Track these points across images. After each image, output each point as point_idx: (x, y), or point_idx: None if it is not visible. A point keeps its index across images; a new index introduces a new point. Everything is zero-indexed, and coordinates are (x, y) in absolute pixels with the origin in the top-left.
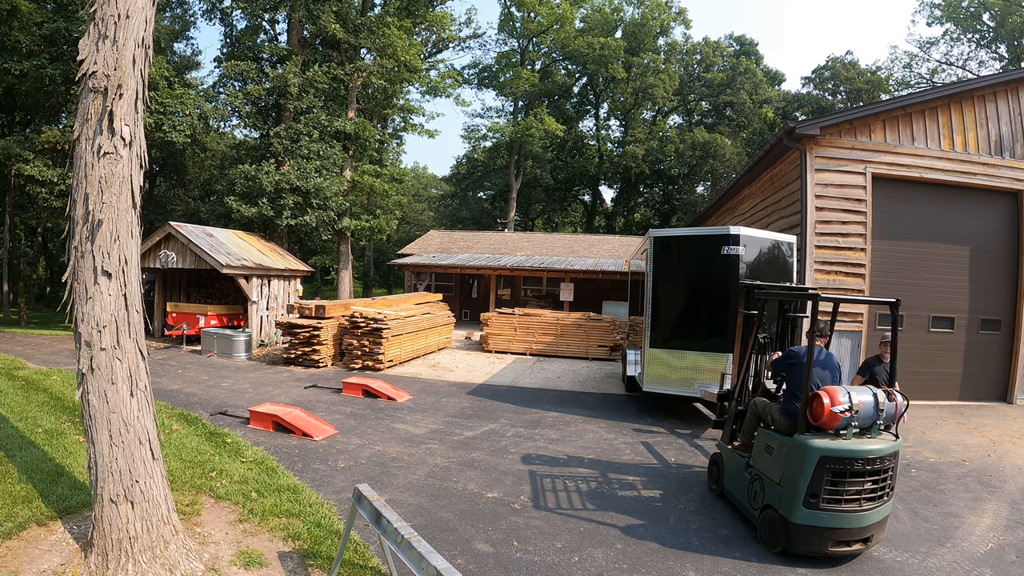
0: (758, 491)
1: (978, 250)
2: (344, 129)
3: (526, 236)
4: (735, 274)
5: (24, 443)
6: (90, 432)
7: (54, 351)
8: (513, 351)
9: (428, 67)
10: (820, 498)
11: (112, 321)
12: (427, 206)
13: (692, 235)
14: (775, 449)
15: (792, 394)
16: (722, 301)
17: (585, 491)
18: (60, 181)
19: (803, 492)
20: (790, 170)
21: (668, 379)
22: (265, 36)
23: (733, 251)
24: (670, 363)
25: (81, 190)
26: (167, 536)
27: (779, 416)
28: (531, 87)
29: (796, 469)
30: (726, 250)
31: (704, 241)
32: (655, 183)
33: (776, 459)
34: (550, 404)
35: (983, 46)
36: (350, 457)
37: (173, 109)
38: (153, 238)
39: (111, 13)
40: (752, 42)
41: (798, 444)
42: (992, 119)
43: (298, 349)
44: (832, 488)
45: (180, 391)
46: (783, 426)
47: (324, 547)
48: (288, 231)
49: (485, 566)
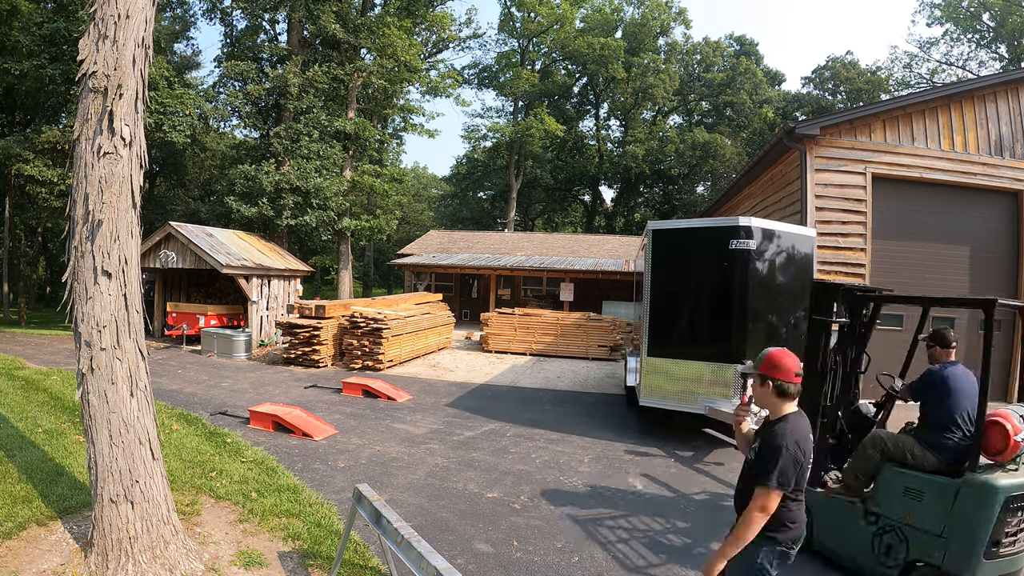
0: (894, 545)
1: (978, 250)
2: (344, 129)
3: (526, 236)
4: (745, 272)
5: (24, 443)
6: (90, 432)
7: (54, 351)
8: (513, 351)
9: (428, 67)
10: (1001, 544)
11: (112, 321)
12: (427, 206)
13: (696, 228)
14: (926, 493)
15: (937, 424)
16: (729, 303)
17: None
18: (60, 181)
19: (983, 541)
20: (790, 170)
21: (667, 392)
22: (265, 36)
23: (743, 246)
24: (670, 374)
25: (81, 190)
26: (167, 536)
27: (922, 452)
28: (531, 87)
29: (972, 514)
30: (735, 244)
31: (710, 234)
32: (655, 183)
33: (931, 505)
34: (550, 404)
35: (983, 46)
36: (350, 457)
37: (173, 109)
38: (153, 238)
39: (111, 13)
40: (752, 42)
41: (975, 484)
42: (992, 119)
43: (298, 349)
44: (1014, 531)
45: (180, 391)
46: (930, 464)
47: (324, 547)
48: (288, 231)
49: (485, 566)
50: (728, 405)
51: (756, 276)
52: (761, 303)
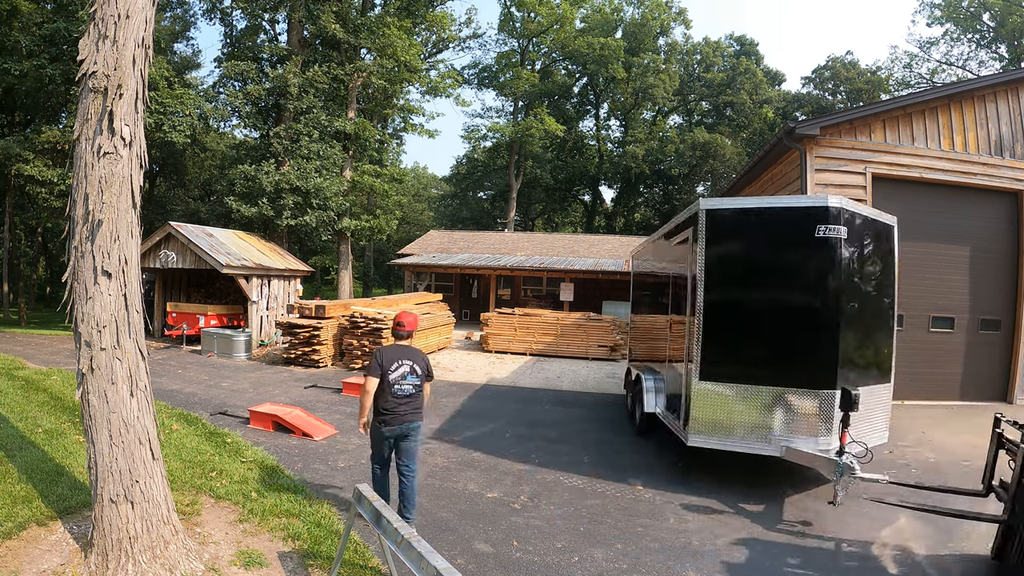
0: None
1: (978, 250)
2: (344, 129)
3: (526, 236)
4: (836, 268)
5: (24, 443)
6: (90, 432)
7: (54, 351)
8: (513, 351)
9: (428, 67)
10: None
11: (112, 321)
12: (427, 206)
13: (768, 208)
14: None
15: None
16: (814, 310)
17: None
18: (60, 181)
19: None
20: (790, 170)
21: (729, 427)
22: (265, 36)
23: (833, 233)
24: (732, 404)
25: (81, 190)
26: (167, 536)
27: None
28: (531, 87)
29: None
30: (823, 231)
31: (788, 217)
32: (655, 183)
33: None
34: (550, 405)
35: (983, 46)
36: (350, 457)
37: (173, 109)
38: (153, 238)
39: (111, 13)
40: (752, 42)
41: None
42: (992, 119)
43: (298, 349)
44: None
45: (180, 391)
46: None
47: (324, 547)
48: (288, 231)
49: (485, 566)
50: (813, 444)
51: (847, 274)
52: (851, 309)
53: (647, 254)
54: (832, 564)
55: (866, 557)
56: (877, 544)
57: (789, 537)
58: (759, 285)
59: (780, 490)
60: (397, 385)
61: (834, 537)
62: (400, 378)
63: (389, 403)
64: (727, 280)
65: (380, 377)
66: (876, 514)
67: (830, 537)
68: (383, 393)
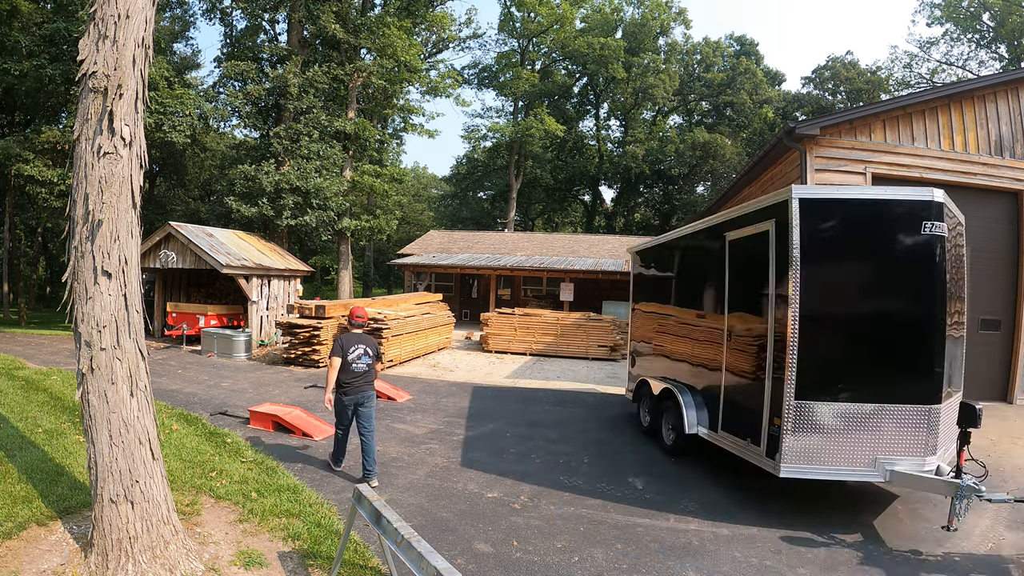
0: None
1: (978, 250)
2: (344, 129)
3: (526, 236)
4: (941, 270)
5: (24, 443)
6: (90, 432)
7: (54, 351)
8: (513, 351)
9: (428, 67)
10: None
11: (112, 321)
12: (427, 206)
13: (870, 200)
14: None
15: None
16: (917, 317)
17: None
18: (60, 181)
19: None
20: (790, 170)
21: (830, 453)
22: (265, 36)
23: (937, 230)
24: (834, 426)
25: (81, 190)
26: (167, 536)
27: None
28: (531, 87)
29: None
30: (928, 228)
31: (890, 211)
32: (655, 183)
33: None
34: (550, 405)
35: (983, 46)
36: (350, 457)
37: (173, 109)
38: (153, 238)
39: (111, 13)
40: (752, 42)
41: None
42: (992, 119)
43: (298, 349)
44: None
45: (180, 391)
46: None
47: (324, 547)
48: (288, 231)
49: (485, 566)
50: (918, 466)
51: (947, 276)
52: (948, 315)
53: (677, 247)
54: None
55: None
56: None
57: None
58: (860, 287)
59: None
60: (355, 364)
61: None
62: (357, 358)
63: (349, 377)
64: (826, 281)
65: (342, 357)
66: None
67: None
68: (344, 370)
